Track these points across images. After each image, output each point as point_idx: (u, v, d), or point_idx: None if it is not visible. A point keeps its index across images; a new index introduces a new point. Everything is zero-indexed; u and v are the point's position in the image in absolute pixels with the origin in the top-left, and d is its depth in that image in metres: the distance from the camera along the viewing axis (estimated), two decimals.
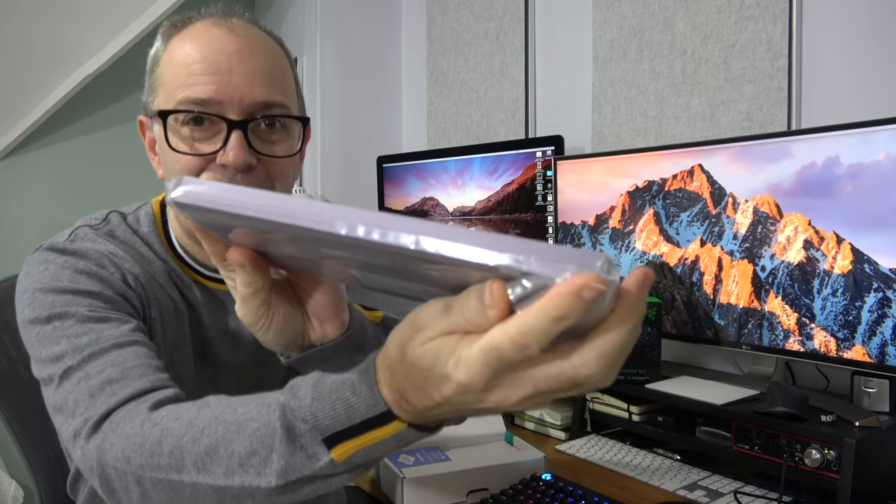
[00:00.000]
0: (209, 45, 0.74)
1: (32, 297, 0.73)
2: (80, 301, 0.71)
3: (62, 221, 0.87)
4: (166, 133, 0.76)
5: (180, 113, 0.74)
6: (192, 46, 0.74)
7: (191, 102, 0.73)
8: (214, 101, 0.74)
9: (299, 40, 2.47)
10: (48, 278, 0.73)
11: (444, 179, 2.02)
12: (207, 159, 0.75)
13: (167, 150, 0.76)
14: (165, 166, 0.79)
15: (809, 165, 1.19)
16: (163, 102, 0.76)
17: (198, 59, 0.73)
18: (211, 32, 0.75)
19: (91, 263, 0.75)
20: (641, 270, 0.40)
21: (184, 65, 0.74)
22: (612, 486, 1.16)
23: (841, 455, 1.01)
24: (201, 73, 0.73)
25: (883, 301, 1.09)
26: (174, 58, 0.76)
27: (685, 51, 1.62)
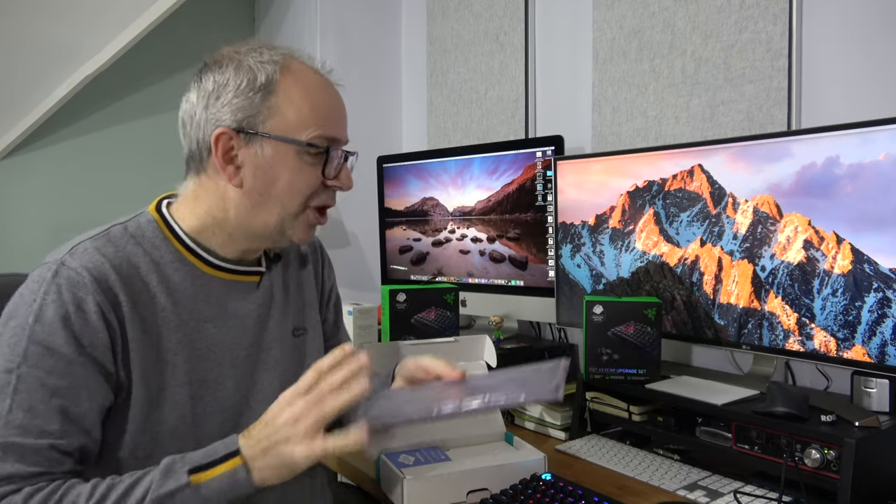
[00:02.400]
0: (329, 93, 0.95)
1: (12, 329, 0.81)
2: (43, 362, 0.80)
3: (62, 221, 0.89)
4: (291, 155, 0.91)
5: (320, 149, 0.92)
6: (319, 91, 0.93)
7: (325, 139, 0.92)
8: (339, 140, 0.94)
9: (299, 40, 2.47)
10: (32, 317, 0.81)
11: (444, 179, 2.02)
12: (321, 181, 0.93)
13: (294, 171, 0.91)
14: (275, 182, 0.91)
15: (809, 165, 1.19)
16: (287, 130, 0.90)
17: (330, 107, 0.94)
18: (327, 84, 0.96)
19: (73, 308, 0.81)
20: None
21: (320, 107, 0.92)
22: (612, 486, 1.16)
23: (841, 455, 1.01)
24: (333, 117, 0.94)
25: (883, 301, 1.09)
26: (305, 97, 0.91)
27: (685, 51, 1.62)
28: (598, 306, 1.36)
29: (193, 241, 0.93)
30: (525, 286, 1.82)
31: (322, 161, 0.92)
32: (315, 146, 0.91)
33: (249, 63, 0.89)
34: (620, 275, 1.52)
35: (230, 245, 0.95)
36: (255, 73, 0.89)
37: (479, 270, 1.94)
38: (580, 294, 1.59)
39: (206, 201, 0.93)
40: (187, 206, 0.94)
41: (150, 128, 2.59)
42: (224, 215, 0.92)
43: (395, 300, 1.59)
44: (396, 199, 2.16)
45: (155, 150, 2.57)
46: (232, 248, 0.95)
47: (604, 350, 1.36)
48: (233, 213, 0.92)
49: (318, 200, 0.94)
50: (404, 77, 2.57)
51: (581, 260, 1.60)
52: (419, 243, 2.10)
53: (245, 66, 0.89)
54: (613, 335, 1.36)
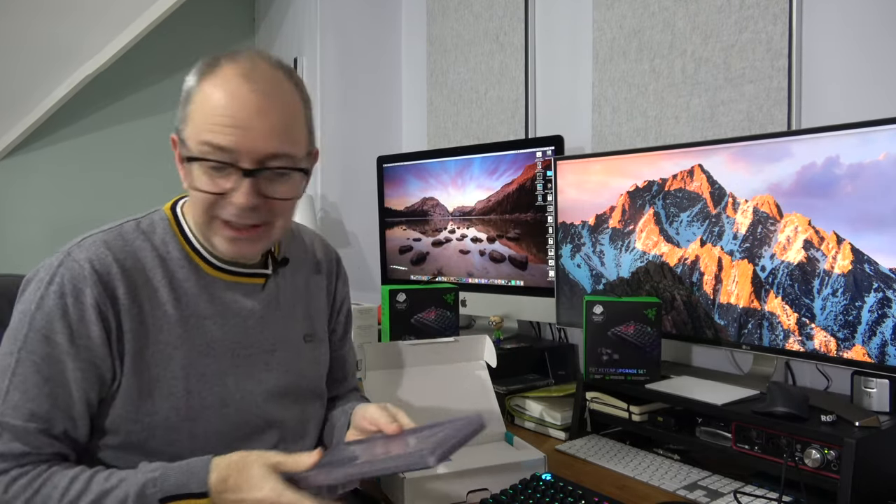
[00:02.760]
0: (235, 97, 0.85)
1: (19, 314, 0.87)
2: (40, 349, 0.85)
3: (62, 221, 0.90)
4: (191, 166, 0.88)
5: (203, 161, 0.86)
6: (221, 96, 0.85)
7: (212, 147, 0.85)
8: (232, 150, 0.85)
9: (299, 40, 2.47)
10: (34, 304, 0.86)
11: (444, 179, 2.02)
12: (224, 194, 0.87)
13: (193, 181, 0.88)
14: (190, 190, 0.90)
15: (809, 165, 1.19)
16: (190, 137, 0.87)
17: (223, 112, 0.84)
18: (238, 85, 0.85)
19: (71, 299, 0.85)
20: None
21: (211, 112, 0.85)
22: (612, 486, 1.16)
23: (841, 455, 1.01)
24: (225, 123, 0.84)
25: (883, 301, 1.09)
26: (204, 101, 0.86)
27: (685, 51, 1.62)
28: (598, 306, 1.36)
29: (199, 240, 0.95)
30: (525, 286, 1.82)
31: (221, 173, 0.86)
32: (193, 157, 0.86)
33: (192, 70, 0.90)
34: (620, 275, 1.52)
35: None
36: (188, 79, 0.90)
37: (479, 270, 1.94)
38: (580, 294, 1.59)
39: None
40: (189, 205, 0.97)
41: (150, 128, 2.59)
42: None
43: (395, 300, 1.59)
44: (396, 199, 2.16)
45: (155, 150, 2.57)
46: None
47: (604, 350, 1.36)
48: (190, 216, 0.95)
49: (223, 214, 0.88)
50: (404, 77, 2.57)
51: (581, 260, 1.60)
52: (419, 243, 2.10)
53: (190, 74, 0.90)
54: (613, 335, 1.36)
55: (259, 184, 0.87)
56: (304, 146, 0.92)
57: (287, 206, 0.92)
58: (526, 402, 1.51)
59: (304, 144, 0.92)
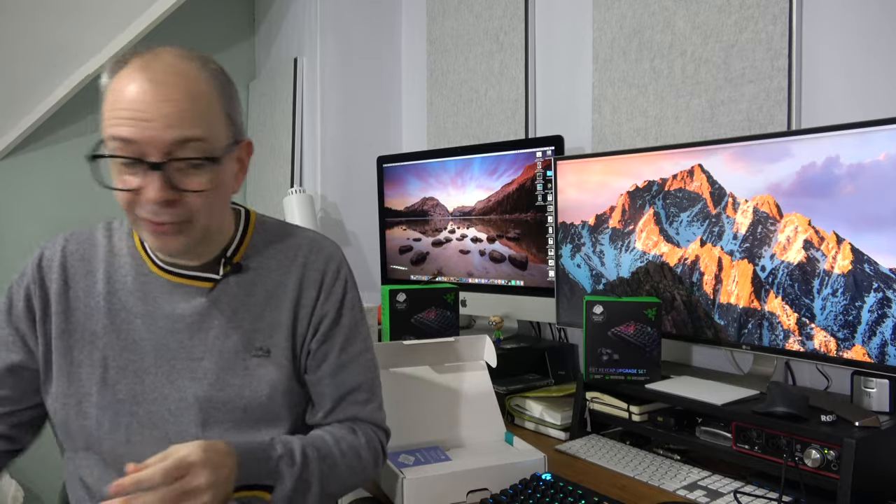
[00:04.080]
0: (133, 90, 0.83)
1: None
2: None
3: (62, 221, 0.91)
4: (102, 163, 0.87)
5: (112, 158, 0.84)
6: (121, 90, 0.83)
7: (117, 141, 0.83)
8: (134, 142, 0.82)
9: (299, 40, 2.47)
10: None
11: (444, 179, 2.02)
12: (137, 191, 0.85)
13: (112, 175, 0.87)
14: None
15: (809, 165, 1.19)
16: (104, 135, 0.85)
17: (124, 105, 0.82)
18: (136, 78, 0.83)
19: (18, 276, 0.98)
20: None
21: (114, 106, 0.83)
22: (612, 486, 1.16)
23: (841, 455, 1.01)
24: (126, 116, 0.82)
25: (883, 301, 1.09)
26: (108, 97, 0.85)
27: (685, 51, 1.62)
28: (598, 306, 1.36)
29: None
30: (525, 286, 1.82)
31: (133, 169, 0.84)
32: (98, 155, 0.85)
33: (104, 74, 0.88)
34: (620, 275, 1.52)
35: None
36: (101, 80, 0.88)
37: (479, 270, 1.94)
38: (580, 294, 1.59)
39: None
40: None
41: None
42: None
43: (395, 300, 1.59)
44: (396, 199, 2.16)
45: None
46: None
47: (604, 350, 1.36)
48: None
49: (142, 212, 0.86)
50: (404, 77, 2.57)
51: (581, 260, 1.60)
52: (419, 243, 2.10)
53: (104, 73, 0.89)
54: (613, 335, 1.36)
55: (171, 177, 0.84)
56: (220, 135, 0.88)
57: (205, 198, 0.87)
58: (526, 402, 1.51)
59: (222, 133, 0.88)
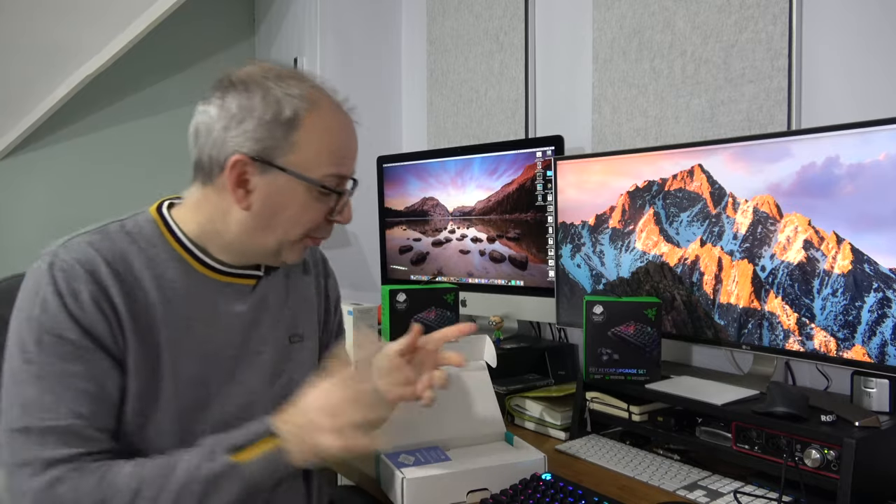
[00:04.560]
0: (348, 133, 0.96)
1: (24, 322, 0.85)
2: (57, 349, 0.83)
3: (62, 221, 0.90)
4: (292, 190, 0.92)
5: (337, 192, 0.94)
6: (340, 131, 0.94)
7: (337, 177, 0.94)
8: (348, 177, 0.96)
9: (299, 40, 2.47)
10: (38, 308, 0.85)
11: (444, 179, 2.02)
12: (325, 216, 0.96)
13: (302, 205, 0.92)
14: (281, 212, 0.92)
15: (809, 165, 1.19)
16: (302, 166, 0.90)
17: (346, 146, 0.95)
18: (345, 119, 0.96)
19: (70, 298, 0.85)
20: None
21: (336, 148, 0.93)
22: (612, 486, 1.16)
23: (841, 455, 1.01)
24: (348, 156, 0.95)
25: (883, 301, 1.09)
26: (324, 137, 0.92)
27: (685, 51, 1.62)
28: (598, 306, 1.36)
29: (192, 242, 0.95)
30: (525, 286, 1.82)
31: (331, 200, 0.95)
32: (326, 187, 0.92)
33: (278, 94, 0.89)
34: (620, 275, 1.52)
35: (225, 253, 0.96)
36: (282, 106, 0.88)
37: (479, 270, 1.94)
38: (580, 294, 1.59)
39: (208, 212, 0.94)
40: (189, 211, 0.96)
41: (150, 128, 2.59)
42: (225, 228, 0.94)
43: (395, 300, 1.59)
44: (396, 199, 2.16)
45: (154, 150, 2.57)
46: (227, 255, 0.96)
47: (604, 350, 1.36)
48: (234, 229, 0.93)
49: (318, 233, 0.97)
50: (404, 77, 2.57)
51: (581, 260, 1.60)
52: (419, 243, 2.10)
53: (273, 96, 0.89)
54: (613, 335, 1.36)
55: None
56: None
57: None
58: (526, 402, 1.51)
59: None
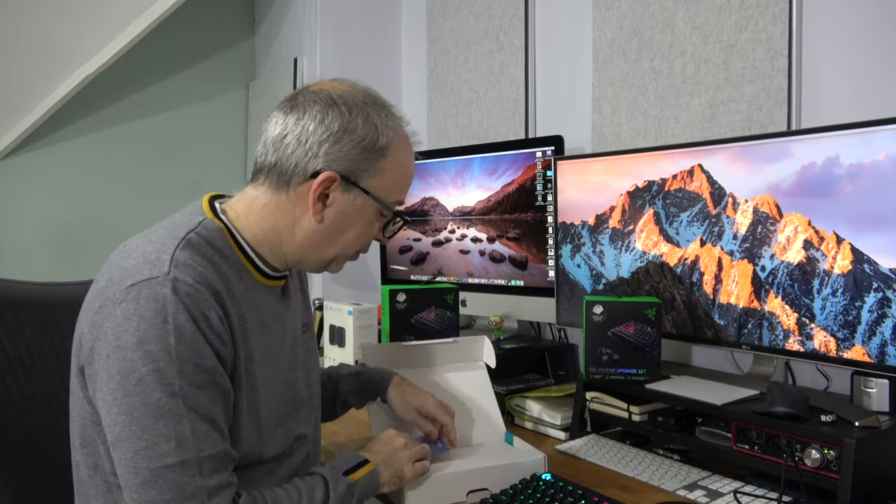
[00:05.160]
0: (414, 164, 1.02)
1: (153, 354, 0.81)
2: (198, 378, 0.83)
3: (62, 221, 0.89)
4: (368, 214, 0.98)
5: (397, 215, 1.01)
6: (411, 164, 1.01)
7: (400, 204, 1.00)
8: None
9: (299, 40, 2.47)
10: (173, 338, 0.82)
11: (444, 179, 2.02)
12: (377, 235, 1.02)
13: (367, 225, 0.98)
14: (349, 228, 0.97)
15: (809, 165, 1.19)
16: (382, 190, 0.96)
17: (412, 177, 1.02)
18: (414, 154, 1.02)
19: (204, 324, 0.84)
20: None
21: (407, 176, 1.00)
22: (612, 486, 1.16)
23: (841, 455, 1.01)
24: (408, 187, 1.02)
25: (883, 301, 1.09)
26: (401, 164, 0.98)
27: (685, 51, 1.62)
28: (598, 306, 1.36)
29: (253, 251, 0.97)
30: (525, 286, 1.82)
31: (387, 221, 1.01)
32: (392, 211, 0.99)
33: (376, 122, 0.94)
34: (620, 275, 1.52)
35: (278, 259, 0.98)
36: (379, 133, 0.94)
37: (479, 270, 1.94)
38: (580, 294, 1.59)
39: (275, 218, 0.95)
40: (252, 216, 0.96)
41: (150, 128, 2.59)
42: (289, 238, 0.96)
43: (395, 300, 1.59)
44: None
45: (155, 150, 2.57)
46: (278, 262, 0.99)
47: (604, 350, 1.36)
48: (299, 238, 0.96)
49: (366, 249, 1.04)
50: (404, 77, 2.57)
51: (581, 260, 1.60)
52: (419, 243, 2.10)
53: (372, 123, 0.94)
54: (613, 335, 1.36)
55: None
56: None
57: None
58: (526, 402, 1.51)
59: None
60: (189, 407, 0.82)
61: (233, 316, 0.89)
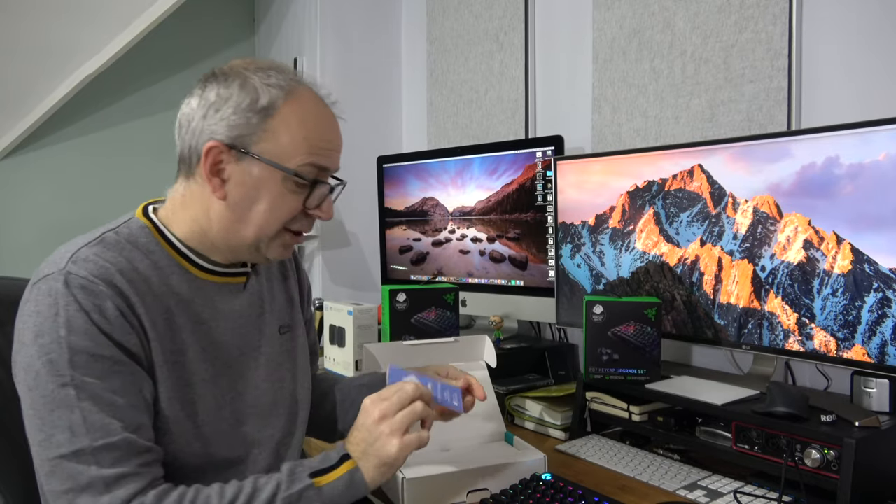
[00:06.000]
0: (327, 124, 0.94)
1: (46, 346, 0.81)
2: (92, 368, 0.82)
3: (62, 221, 0.89)
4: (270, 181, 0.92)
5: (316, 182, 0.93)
6: (317, 122, 0.93)
7: (316, 168, 0.92)
8: (328, 170, 0.94)
9: (299, 40, 2.47)
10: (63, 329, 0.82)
11: (444, 179, 2.02)
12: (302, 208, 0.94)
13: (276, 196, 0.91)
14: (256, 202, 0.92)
15: (809, 165, 1.19)
16: (277, 155, 0.90)
17: (327, 137, 0.94)
18: (327, 113, 0.95)
19: (97, 314, 0.83)
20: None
21: (313, 137, 0.92)
22: (612, 486, 1.16)
23: (841, 455, 1.01)
24: (329, 147, 0.94)
25: (883, 301, 1.09)
26: (301, 125, 0.91)
27: (685, 51, 1.62)
28: (598, 306, 1.36)
29: (185, 246, 0.95)
30: (525, 286, 1.82)
31: (307, 190, 0.93)
32: (301, 177, 0.91)
33: (255, 83, 0.90)
34: (620, 275, 1.52)
35: (215, 253, 0.96)
36: (259, 93, 0.90)
37: (479, 270, 1.94)
38: (580, 294, 1.59)
39: (192, 208, 0.94)
40: (176, 211, 0.96)
41: (150, 128, 2.59)
42: (209, 225, 0.94)
43: (395, 300, 1.59)
44: (396, 199, 2.16)
45: (154, 150, 2.57)
46: (217, 255, 0.97)
47: (604, 350, 1.36)
48: (215, 224, 0.93)
49: (296, 226, 0.95)
50: (404, 77, 2.57)
51: (581, 260, 1.60)
52: (419, 243, 2.10)
53: (250, 84, 0.90)
54: (613, 335, 1.36)
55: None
56: None
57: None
58: (526, 402, 1.51)
59: None
60: (83, 397, 0.80)
61: (149, 309, 0.87)
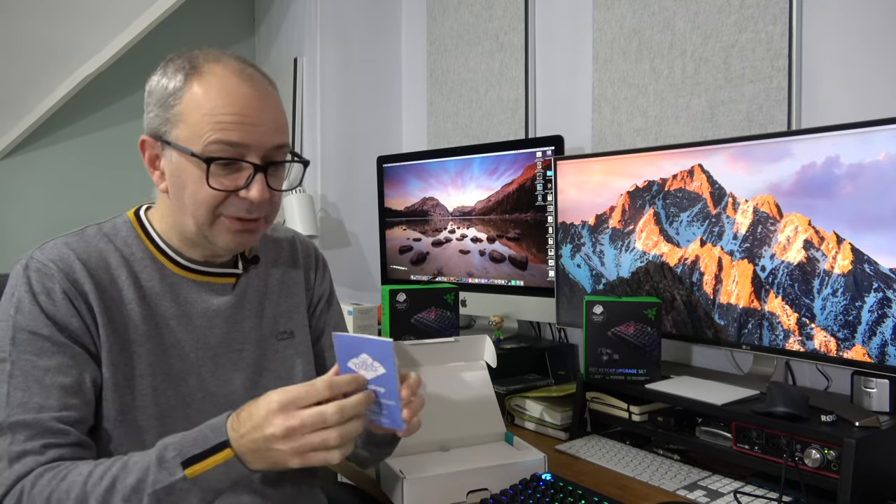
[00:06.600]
0: (236, 97, 0.88)
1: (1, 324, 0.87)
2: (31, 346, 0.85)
3: (62, 221, 0.91)
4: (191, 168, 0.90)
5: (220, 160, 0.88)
6: (221, 97, 0.87)
7: (223, 144, 0.87)
8: (241, 145, 0.88)
9: (299, 40, 2.47)
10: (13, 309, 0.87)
11: (444, 179, 2.02)
12: (229, 192, 0.90)
13: (196, 181, 0.89)
14: (183, 190, 0.90)
15: (809, 165, 1.19)
16: (186, 139, 0.88)
17: (230, 110, 0.87)
18: (237, 85, 0.88)
19: (44, 296, 0.87)
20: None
21: (214, 113, 0.87)
22: (612, 486, 1.16)
23: (841, 455, 1.01)
24: (234, 121, 0.87)
25: (883, 301, 1.09)
26: (202, 103, 0.87)
27: (685, 51, 1.62)
28: (598, 306, 1.36)
29: (165, 241, 0.97)
30: (525, 286, 1.82)
31: (227, 171, 0.89)
32: (198, 156, 0.87)
33: (167, 71, 0.91)
34: (620, 275, 1.52)
35: (189, 248, 0.97)
36: (168, 81, 0.90)
37: (479, 270, 1.94)
38: (580, 294, 1.59)
39: (163, 207, 0.97)
40: (159, 208, 0.98)
41: None
42: (172, 221, 0.96)
43: (395, 300, 1.59)
44: (396, 199, 2.16)
45: None
46: (192, 251, 0.97)
47: (604, 350, 1.36)
48: (169, 219, 0.96)
49: (229, 210, 0.91)
50: (404, 77, 2.56)
51: (581, 260, 1.60)
52: (419, 243, 2.10)
53: (168, 72, 0.91)
54: (613, 335, 1.36)
55: (266, 178, 0.91)
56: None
57: (280, 198, 0.97)
58: (526, 402, 1.51)
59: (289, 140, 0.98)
60: (16, 373, 0.84)
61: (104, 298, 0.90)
